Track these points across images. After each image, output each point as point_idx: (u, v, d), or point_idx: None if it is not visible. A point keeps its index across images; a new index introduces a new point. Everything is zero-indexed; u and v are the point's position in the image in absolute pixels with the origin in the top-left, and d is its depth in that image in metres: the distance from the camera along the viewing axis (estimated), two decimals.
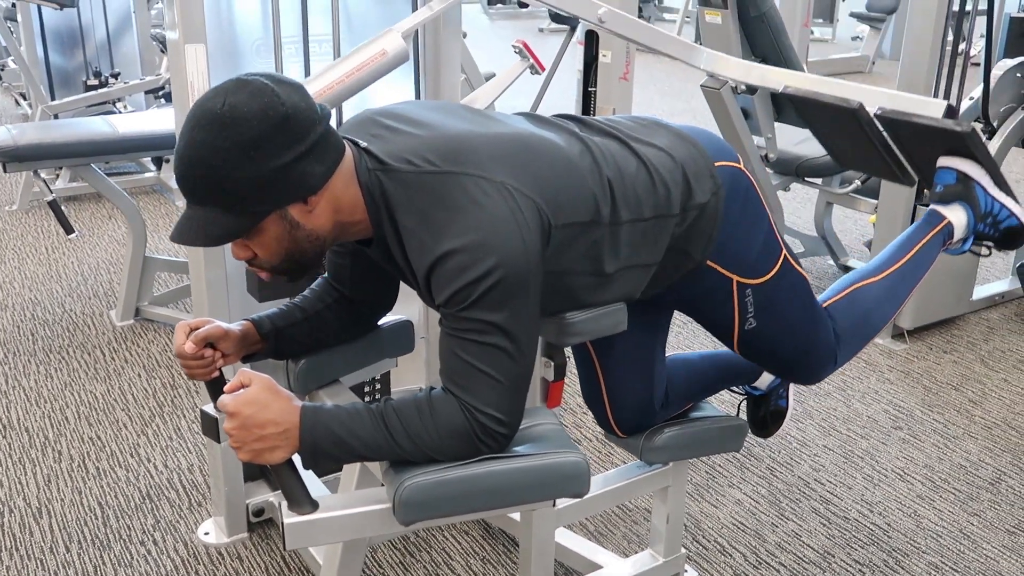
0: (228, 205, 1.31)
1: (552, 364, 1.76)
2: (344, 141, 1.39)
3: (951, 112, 1.95)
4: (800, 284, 1.77)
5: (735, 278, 1.67)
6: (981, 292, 3.65)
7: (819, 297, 1.90)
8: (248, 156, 1.27)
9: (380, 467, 1.42)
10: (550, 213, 1.39)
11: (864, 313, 1.88)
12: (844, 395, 3.02)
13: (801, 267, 1.77)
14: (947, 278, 3.38)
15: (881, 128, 2.04)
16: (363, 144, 1.40)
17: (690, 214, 1.58)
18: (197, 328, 1.49)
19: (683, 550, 2.17)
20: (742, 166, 1.67)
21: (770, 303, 1.72)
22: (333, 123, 1.65)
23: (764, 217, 1.70)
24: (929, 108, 1.97)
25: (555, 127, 1.55)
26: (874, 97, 2.01)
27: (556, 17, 2.69)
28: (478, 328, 1.32)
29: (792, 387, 2.21)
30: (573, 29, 2.77)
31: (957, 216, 1.94)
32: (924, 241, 1.94)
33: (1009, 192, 1.97)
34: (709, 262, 1.64)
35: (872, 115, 2.02)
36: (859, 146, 2.11)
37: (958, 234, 1.96)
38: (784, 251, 1.73)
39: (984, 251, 2.05)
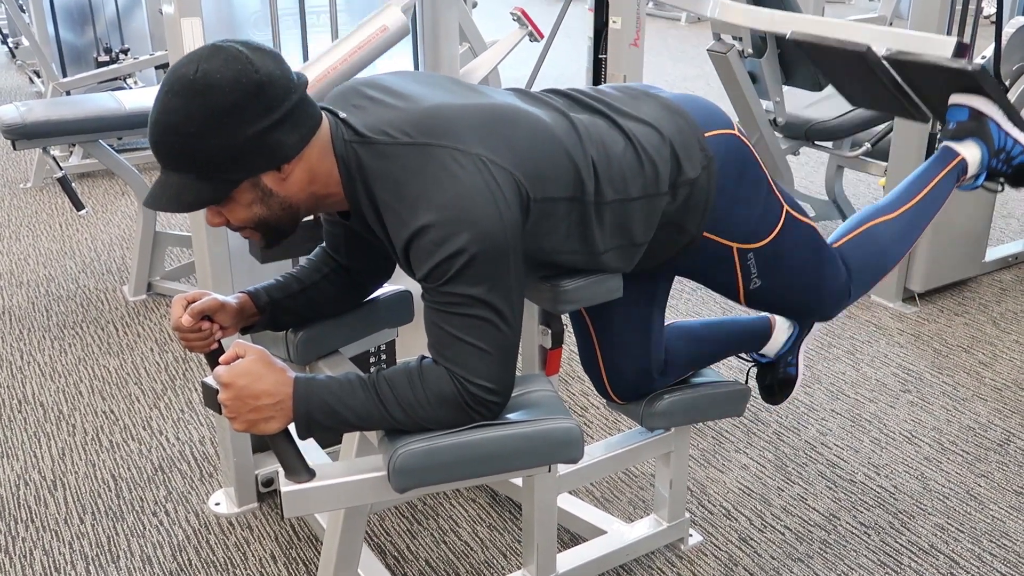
0: (201, 172, 1.31)
1: (549, 332, 1.76)
2: (322, 111, 1.40)
3: (961, 49, 1.91)
4: (804, 235, 1.76)
5: (735, 246, 1.67)
6: (994, 254, 3.62)
7: (832, 235, 1.90)
8: (221, 123, 1.27)
9: (376, 435, 1.44)
10: (528, 186, 1.39)
11: (878, 251, 1.88)
12: (853, 359, 3.02)
13: (805, 215, 1.76)
14: (959, 240, 3.35)
15: (890, 68, 2.02)
16: (342, 115, 1.40)
17: (681, 191, 1.57)
18: (194, 301, 1.51)
19: (687, 515, 2.19)
20: (736, 131, 1.66)
21: (774, 261, 1.72)
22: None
23: (763, 180, 1.68)
24: (938, 46, 1.94)
25: (542, 103, 1.54)
26: (882, 37, 1.98)
27: None
28: (460, 301, 1.32)
29: (802, 354, 2.21)
30: None
31: (971, 152, 1.92)
32: (938, 178, 1.92)
33: (1023, 127, 1.94)
34: (706, 234, 1.64)
35: (880, 57, 1.99)
36: (871, 86, 2.09)
37: (971, 170, 1.94)
38: (786, 208, 1.72)
39: (997, 187, 2.04)
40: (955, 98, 1.95)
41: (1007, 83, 3.45)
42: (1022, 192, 4.43)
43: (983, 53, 3.46)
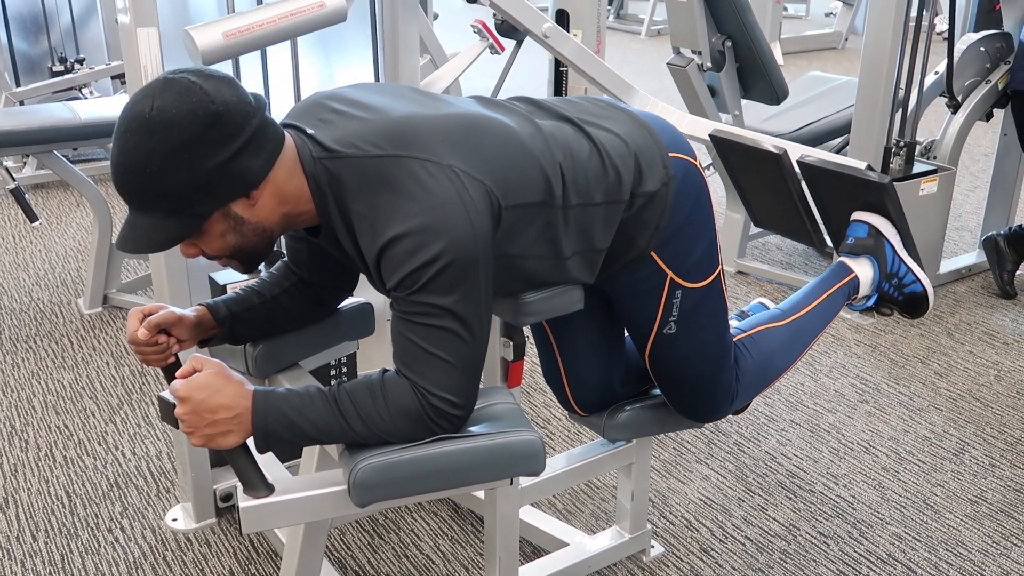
0: (169, 209, 1.30)
1: (511, 344, 1.76)
2: (285, 129, 1.39)
3: (870, 169, 2.01)
4: (723, 307, 1.76)
5: (671, 275, 1.65)
6: (948, 266, 3.68)
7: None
8: (182, 159, 1.25)
9: (336, 449, 1.43)
10: (499, 194, 1.39)
11: (765, 356, 1.88)
12: (812, 370, 3.05)
13: (726, 292, 1.78)
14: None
15: (800, 178, 2.09)
16: (309, 131, 1.39)
17: (638, 200, 1.57)
18: (151, 314, 1.49)
19: (649, 526, 2.19)
20: (698, 164, 1.67)
21: (694, 313, 1.70)
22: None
23: (711, 225, 1.70)
24: (849, 163, 2.05)
25: (507, 110, 1.54)
26: (798, 150, 2.07)
27: (503, 30, 2.65)
28: (428, 312, 1.32)
29: (910, 262, 2.04)
30: (519, 43, 2.76)
31: (864, 271, 1.99)
32: (829, 292, 1.97)
33: (917, 258, 2.02)
34: (652, 253, 1.63)
35: (795, 162, 2.07)
36: (778, 200, 2.16)
37: (863, 290, 2.00)
38: (720, 268, 1.73)
39: (887, 311, 2.09)
40: (857, 215, 2.03)
41: (959, 99, 3.52)
42: (973, 206, 4.51)
43: (936, 69, 3.53)
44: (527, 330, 1.92)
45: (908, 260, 2.01)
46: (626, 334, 1.91)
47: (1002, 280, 3.55)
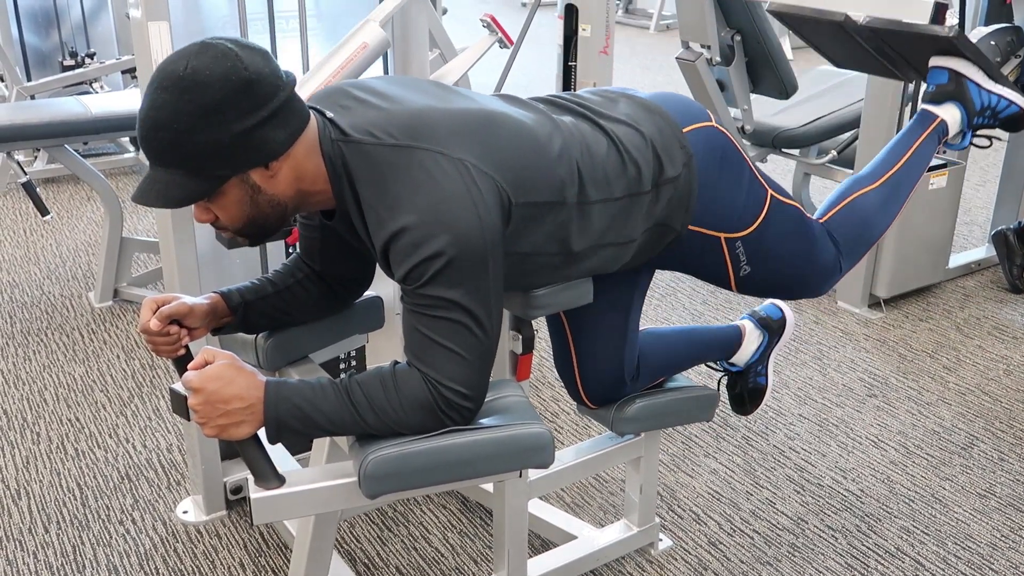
0: (190, 168, 1.31)
1: (520, 337, 1.77)
2: (310, 111, 1.40)
3: (938, 10, 1.93)
4: (791, 217, 1.77)
5: (722, 235, 1.69)
6: (957, 260, 3.68)
7: (818, 210, 1.92)
8: (209, 120, 1.27)
9: (347, 441, 1.44)
10: (510, 191, 1.40)
11: (864, 221, 1.88)
12: (820, 364, 3.05)
13: (790, 197, 1.78)
14: (924, 247, 3.40)
15: (871, 34, 2.04)
16: (329, 115, 1.41)
17: (664, 189, 1.59)
18: (164, 304, 1.50)
19: (657, 519, 2.20)
20: (714, 122, 1.68)
21: (762, 247, 1.73)
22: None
23: (744, 167, 1.70)
24: (916, 10, 1.95)
25: (528, 107, 1.55)
26: (859, 5, 2.00)
27: None
28: (437, 304, 1.33)
29: (772, 364, 2.24)
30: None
31: (951, 114, 1.94)
32: (919, 142, 1.93)
33: (1006, 82, 1.96)
34: (692, 227, 1.66)
35: (859, 25, 2.03)
36: (854, 51, 2.13)
37: (953, 130, 1.95)
38: (770, 192, 1.74)
39: (984, 142, 2.04)
40: (935, 60, 1.97)
41: None
42: (983, 201, 4.49)
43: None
44: (537, 324, 1.93)
45: (997, 88, 1.94)
46: (639, 329, 1.92)
47: (1011, 275, 3.54)
